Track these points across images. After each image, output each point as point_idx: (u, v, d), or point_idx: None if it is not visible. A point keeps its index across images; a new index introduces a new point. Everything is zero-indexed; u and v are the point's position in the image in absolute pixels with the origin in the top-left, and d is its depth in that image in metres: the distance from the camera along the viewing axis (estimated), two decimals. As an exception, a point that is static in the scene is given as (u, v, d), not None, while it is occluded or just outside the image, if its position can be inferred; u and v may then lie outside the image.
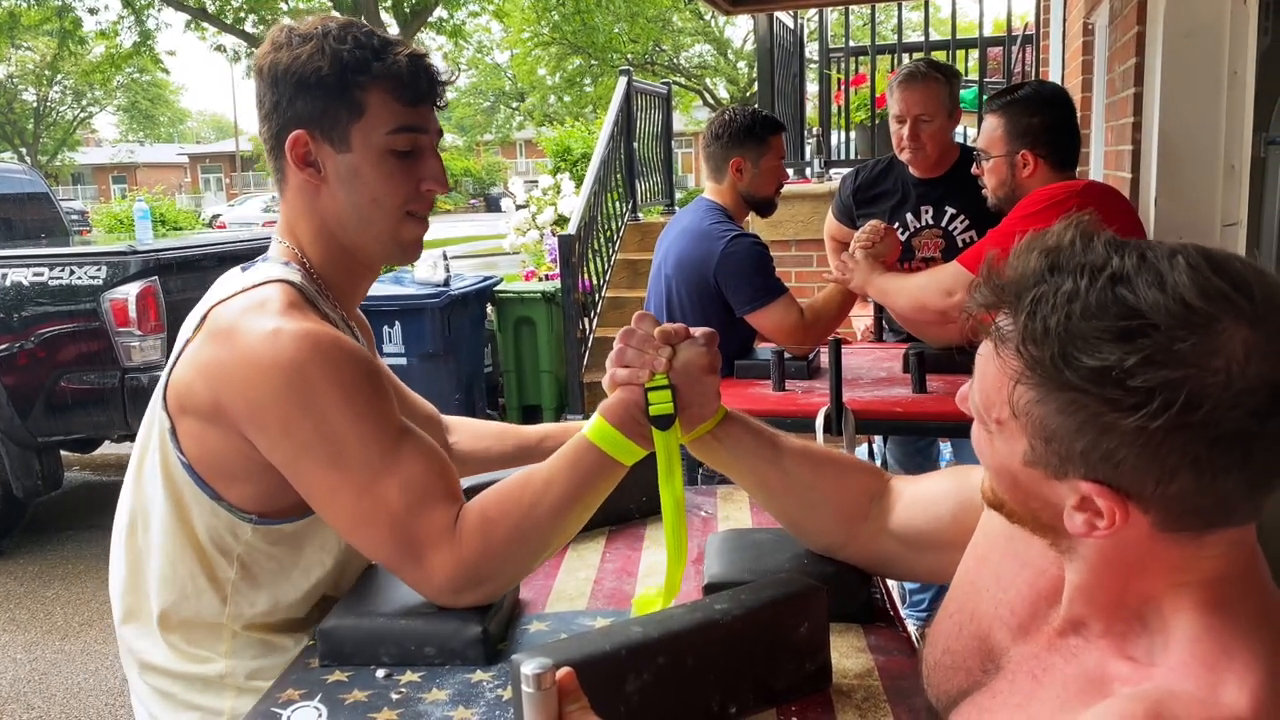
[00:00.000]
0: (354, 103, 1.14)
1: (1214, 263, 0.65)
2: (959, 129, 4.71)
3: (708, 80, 27.55)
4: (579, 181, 6.99)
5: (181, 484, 1.14)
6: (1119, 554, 0.71)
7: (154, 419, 1.17)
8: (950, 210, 2.78)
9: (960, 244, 2.77)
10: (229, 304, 1.12)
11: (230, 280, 1.21)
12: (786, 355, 2.49)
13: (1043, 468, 0.70)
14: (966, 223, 2.76)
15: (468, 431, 1.55)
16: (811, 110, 7.16)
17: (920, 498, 1.11)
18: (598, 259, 6.25)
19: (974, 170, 2.39)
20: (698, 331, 1.10)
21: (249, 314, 1.09)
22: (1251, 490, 0.66)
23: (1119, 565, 0.72)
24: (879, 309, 3.08)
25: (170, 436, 1.13)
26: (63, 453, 4.62)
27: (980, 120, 2.35)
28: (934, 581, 1.25)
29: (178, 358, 1.14)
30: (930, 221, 2.82)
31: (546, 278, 6.29)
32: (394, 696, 1.01)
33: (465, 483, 1.17)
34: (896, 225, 2.78)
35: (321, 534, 1.19)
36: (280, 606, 1.18)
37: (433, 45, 21.57)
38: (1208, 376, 0.62)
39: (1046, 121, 2.25)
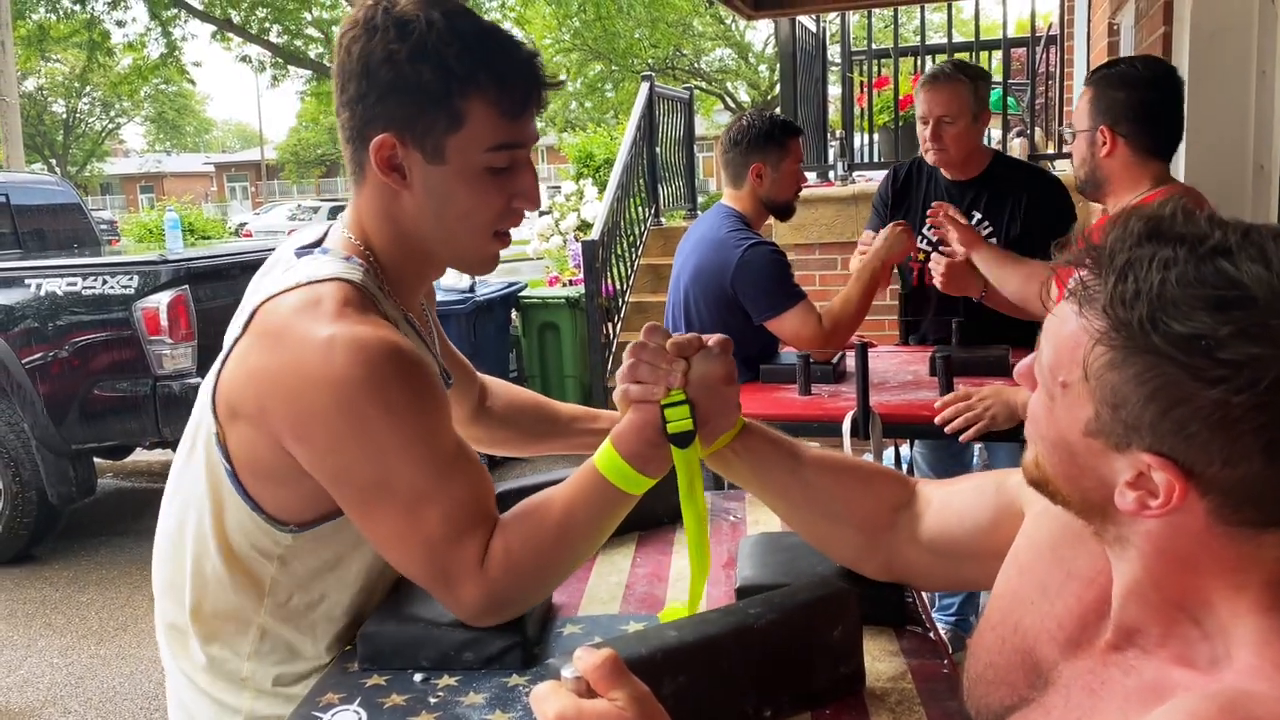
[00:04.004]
0: (454, 113, 1.05)
1: None
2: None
3: (729, 84, 27.53)
4: (602, 187, 7.02)
5: (223, 490, 1.11)
6: (1172, 545, 0.68)
7: (200, 419, 1.13)
8: (976, 215, 2.78)
9: None
10: (281, 300, 1.05)
11: (282, 265, 1.15)
12: (811, 359, 2.49)
13: (1105, 438, 0.67)
14: (990, 229, 2.75)
15: (504, 398, 1.55)
16: (834, 113, 7.14)
17: (954, 504, 1.06)
18: (621, 264, 6.27)
19: (1066, 148, 2.35)
20: (711, 340, 1.05)
21: (302, 315, 1.02)
22: None
23: (1172, 559, 0.68)
24: (905, 310, 3.05)
25: (215, 441, 1.09)
26: (96, 460, 4.68)
27: (1005, 122, 2.34)
28: (970, 590, 1.20)
29: (227, 355, 1.08)
30: None
31: (570, 283, 6.32)
32: (432, 700, 1.03)
33: (498, 488, 1.18)
34: (928, 222, 2.78)
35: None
36: (322, 600, 1.17)
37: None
38: None
39: (1135, 99, 2.04)
